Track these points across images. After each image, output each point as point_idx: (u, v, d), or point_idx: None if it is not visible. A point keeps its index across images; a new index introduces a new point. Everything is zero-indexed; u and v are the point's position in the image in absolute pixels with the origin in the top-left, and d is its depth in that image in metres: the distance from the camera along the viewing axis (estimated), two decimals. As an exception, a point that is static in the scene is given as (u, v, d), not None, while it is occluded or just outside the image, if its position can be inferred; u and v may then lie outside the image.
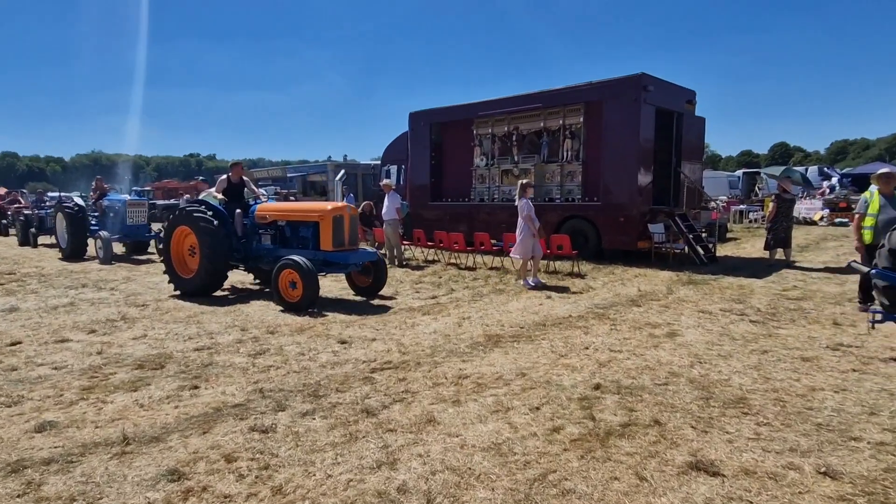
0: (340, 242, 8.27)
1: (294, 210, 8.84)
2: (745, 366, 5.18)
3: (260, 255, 8.85)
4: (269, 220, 8.76)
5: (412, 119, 16.70)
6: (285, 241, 8.70)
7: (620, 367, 5.15)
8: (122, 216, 14.06)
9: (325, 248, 8.23)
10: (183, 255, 8.98)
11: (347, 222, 8.38)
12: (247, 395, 4.53)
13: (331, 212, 8.24)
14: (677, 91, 13.06)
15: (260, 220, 8.81)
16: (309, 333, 6.50)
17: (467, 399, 4.42)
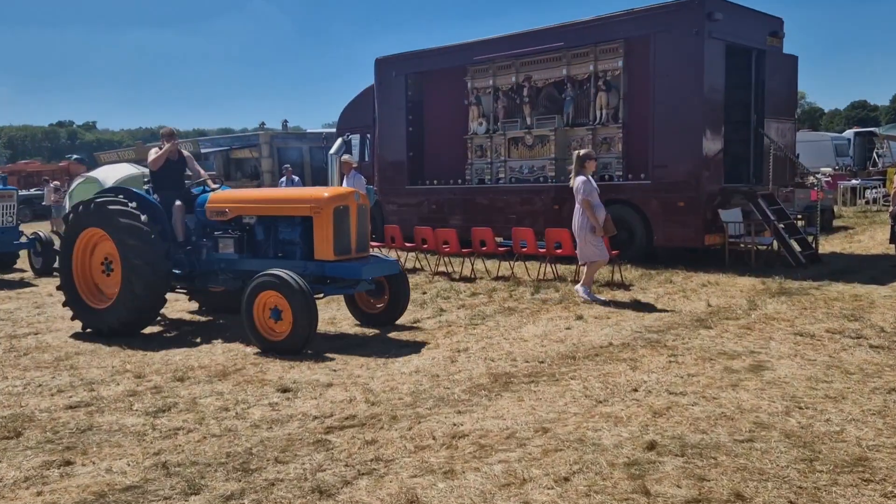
0: (345, 248, 7.84)
1: (273, 199, 8.42)
2: (865, 411, 5.17)
3: (214, 270, 8.54)
4: (231, 215, 8.38)
5: (380, 68, 16.71)
6: (256, 247, 8.36)
7: (684, 417, 5.13)
8: None
9: (321, 256, 7.78)
10: (92, 274, 8.59)
11: (354, 217, 7.94)
12: (143, 473, 4.46)
13: (331, 200, 7.76)
14: (757, 19, 13.17)
15: (215, 217, 8.46)
16: (235, 379, 6.45)
17: (465, 468, 4.38)
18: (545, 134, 14.17)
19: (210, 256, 8.51)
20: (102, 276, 8.52)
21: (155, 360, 7.21)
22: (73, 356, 7.42)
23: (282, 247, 8.17)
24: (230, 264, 8.37)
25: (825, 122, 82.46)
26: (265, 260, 8.13)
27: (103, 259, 8.47)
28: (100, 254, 8.50)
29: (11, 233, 14.04)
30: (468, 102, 15.38)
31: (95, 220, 8.32)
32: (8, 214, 13.92)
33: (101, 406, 5.78)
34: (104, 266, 8.49)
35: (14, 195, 14.22)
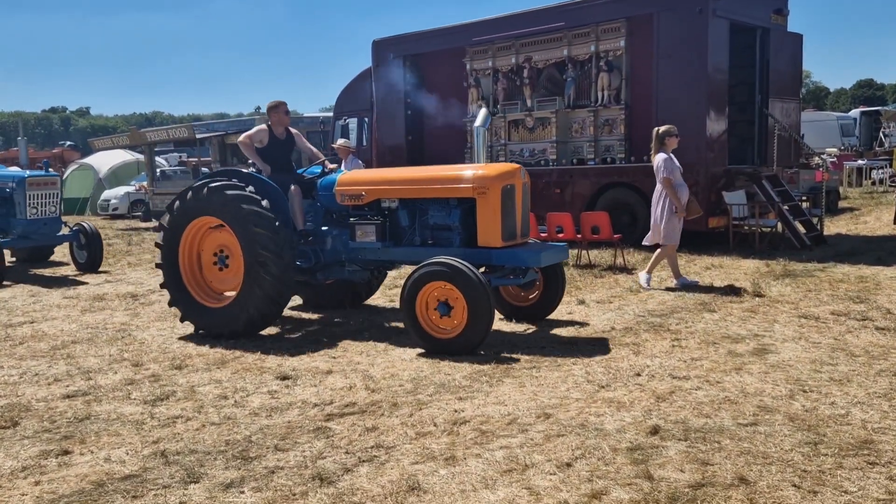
0: (512, 232, 7.15)
1: (423, 180, 7.54)
2: (870, 394, 5.19)
3: (341, 261, 7.87)
4: (368, 199, 7.57)
5: (377, 50, 16.62)
6: (399, 234, 7.60)
7: (688, 402, 5.14)
8: (17, 204, 12.49)
9: (487, 242, 7.02)
10: (201, 269, 7.83)
11: (520, 196, 7.27)
12: (142, 462, 4.47)
13: (498, 179, 7.04)
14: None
15: (347, 201, 7.68)
16: (233, 366, 6.47)
17: (466, 454, 4.39)
18: (546, 116, 14.12)
19: (337, 245, 7.82)
20: (214, 271, 7.75)
21: (152, 348, 7.23)
22: (70, 345, 7.43)
23: (432, 233, 7.46)
24: (369, 254, 7.64)
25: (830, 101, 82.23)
26: (412, 248, 7.46)
27: (216, 251, 7.70)
28: (210, 246, 7.74)
29: (54, 224, 12.84)
30: (468, 84, 15.31)
31: (209, 207, 7.47)
32: (51, 204, 12.69)
33: (98, 395, 5.80)
34: (217, 259, 7.70)
35: (58, 182, 13.05)
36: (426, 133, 16.55)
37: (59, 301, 9.95)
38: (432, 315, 6.62)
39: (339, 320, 8.27)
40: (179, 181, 24.27)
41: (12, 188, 12.42)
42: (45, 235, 12.73)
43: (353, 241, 7.61)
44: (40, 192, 12.49)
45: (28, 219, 12.32)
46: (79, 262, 12.85)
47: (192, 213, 7.60)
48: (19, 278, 12.16)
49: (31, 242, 12.96)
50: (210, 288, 7.78)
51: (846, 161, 23.93)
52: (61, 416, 5.33)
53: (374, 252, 7.62)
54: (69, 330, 8.16)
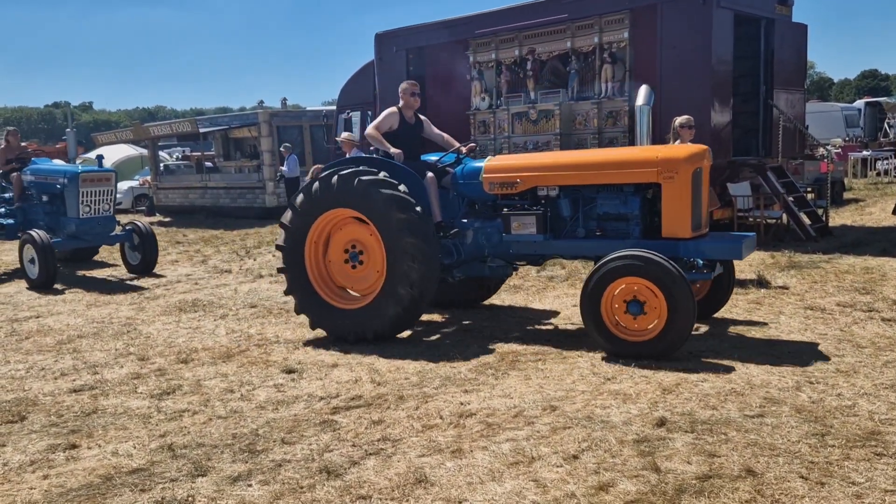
0: (699, 222, 6.49)
1: (594, 164, 6.75)
2: (877, 385, 5.19)
3: (482, 255, 7.24)
4: (523, 187, 6.86)
5: (380, 43, 16.58)
6: (560, 225, 6.90)
7: (694, 393, 5.14)
8: (68, 202, 11.49)
9: (673, 233, 6.31)
10: (329, 266, 7.21)
11: (706, 181, 6.66)
12: (150, 456, 4.49)
13: (689, 161, 6.31)
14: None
15: (496, 190, 6.99)
16: (239, 360, 6.48)
17: (473, 447, 4.40)
18: (549, 108, 14.06)
19: (480, 239, 7.17)
20: (345, 270, 7.10)
21: (158, 342, 7.25)
22: (76, 339, 7.45)
23: (599, 223, 6.75)
24: (525, 248, 6.92)
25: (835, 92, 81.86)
26: (578, 241, 6.79)
27: (348, 247, 7.08)
28: (340, 242, 7.12)
29: (108, 223, 11.75)
30: (470, 77, 15.27)
31: (344, 198, 6.84)
32: (105, 201, 11.63)
33: (105, 389, 5.82)
34: (348, 256, 7.08)
35: (112, 178, 11.93)
36: (430, 126, 16.51)
37: (65, 296, 9.97)
38: (622, 314, 5.97)
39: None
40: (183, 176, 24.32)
41: (63, 184, 11.48)
42: (97, 236, 11.74)
43: (508, 233, 6.89)
44: (94, 188, 11.46)
45: (80, 217, 11.34)
46: (131, 264, 11.91)
47: (321, 207, 6.96)
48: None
49: (82, 243, 11.95)
50: (338, 287, 7.18)
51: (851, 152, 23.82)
52: (68, 411, 5.35)
53: (532, 246, 6.87)
54: (75, 324, 8.18)
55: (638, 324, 5.94)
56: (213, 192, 22.05)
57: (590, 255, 6.84)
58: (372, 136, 7.29)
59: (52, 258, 10.56)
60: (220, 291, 9.94)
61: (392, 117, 7.38)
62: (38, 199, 12.04)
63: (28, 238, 10.72)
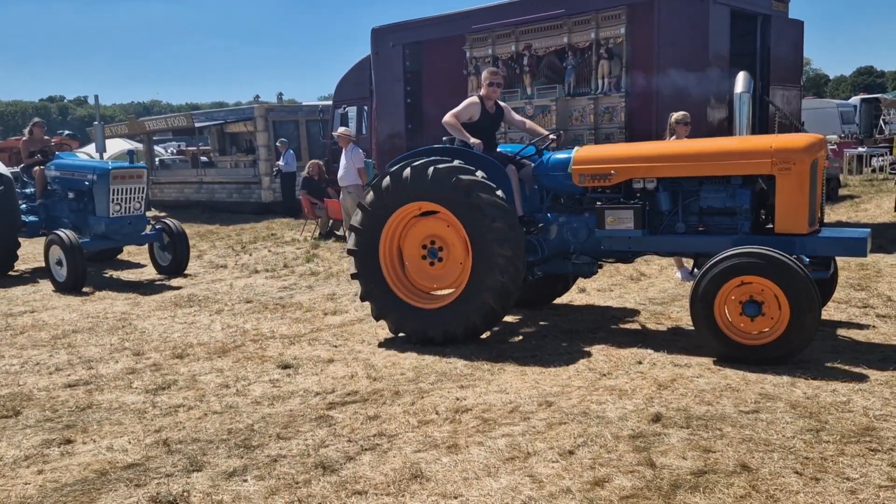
0: (814, 217, 6.15)
1: (699, 155, 6.32)
2: (872, 381, 5.19)
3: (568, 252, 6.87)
4: (617, 179, 6.49)
5: (377, 38, 16.54)
6: (656, 220, 6.50)
7: (689, 389, 5.15)
8: (97, 199, 10.78)
9: (788, 228, 5.95)
10: (407, 265, 6.84)
11: (821, 173, 6.30)
12: (145, 451, 4.49)
13: (807, 152, 5.92)
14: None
15: (587, 182, 6.61)
16: (235, 356, 6.47)
17: (469, 442, 4.40)
18: (546, 104, 14.05)
19: (565, 234, 6.82)
20: (422, 267, 6.74)
21: (153, 337, 7.23)
22: (71, 334, 7.44)
23: (701, 218, 6.37)
24: (620, 244, 6.53)
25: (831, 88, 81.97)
26: (679, 237, 6.41)
27: (424, 244, 6.72)
28: (415, 238, 6.74)
29: (139, 222, 11.05)
30: (467, 72, 15.25)
31: (419, 191, 6.47)
32: (136, 199, 10.90)
33: (100, 384, 5.81)
34: (426, 253, 6.71)
35: (144, 175, 11.25)
36: (426, 121, 16.49)
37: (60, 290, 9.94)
38: (735, 317, 5.63)
39: (338, 310, 8.27)
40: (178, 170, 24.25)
41: (92, 181, 10.76)
42: (127, 235, 11.02)
43: (601, 228, 6.48)
44: (125, 185, 10.74)
45: (110, 216, 10.64)
46: (160, 265, 11.25)
47: (394, 203, 6.58)
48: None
49: (112, 243, 11.37)
50: (416, 287, 6.81)
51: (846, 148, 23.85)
52: (63, 406, 5.33)
53: (628, 241, 6.47)
54: (70, 319, 8.16)
55: (755, 326, 5.57)
56: (208, 187, 22.01)
57: (690, 252, 6.62)
58: (451, 124, 6.98)
59: (81, 260, 9.91)
60: (215, 287, 9.92)
61: (473, 107, 7.09)
62: (64, 195, 11.40)
63: (55, 238, 10.07)
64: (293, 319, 7.76)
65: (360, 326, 7.36)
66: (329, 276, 10.24)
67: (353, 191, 12.34)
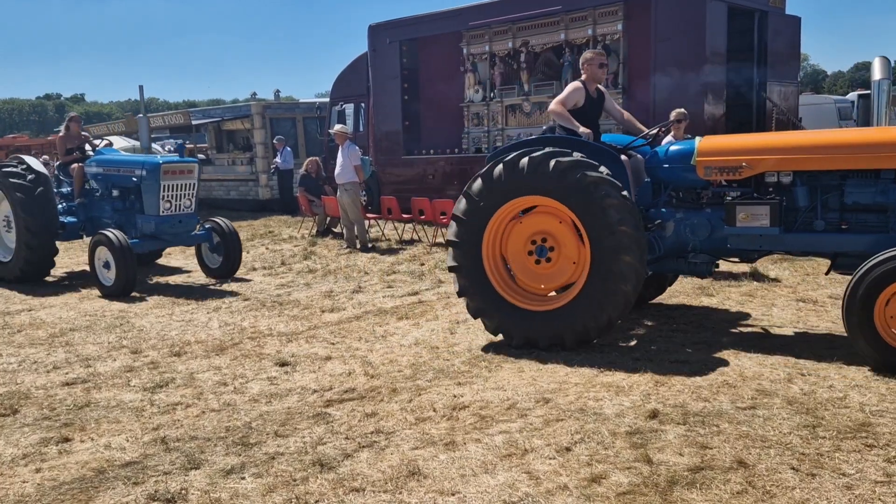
0: None
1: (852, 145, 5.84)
2: (868, 377, 5.21)
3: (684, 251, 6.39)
4: (749, 171, 5.99)
5: (374, 35, 16.54)
6: (791, 216, 6.03)
7: (686, 385, 5.16)
8: (146, 197, 9.91)
9: None
10: (511, 262, 6.36)
11: None
12: (143, 448, 4.49)
13: None
14: (759, -20, 13.03)
15: (713, 175, 6.13)
16: (232, 353, 6.47)
17: (466, 439, 4.41)
18: (543, 100, 14.03)
19: (683, 231, 6.33)
20: (528, 265, 6.25)
21: (151, 335, 7.23)
22: (68, 332, 7.43)
23: (845, 214, 5.89)
24: (751, 242, 6.07)
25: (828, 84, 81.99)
26: (820, 235, 5.91)
27: (534, 239, 6.22)
28: (521, 234, 6.26)
29: (189, 221, 10.13)
30: (464, 69, 15.25)
31: (535, 184, 5.97)
32: (187, 196, 10.02)
33: (97, 382, 5.81)
34: (534, 249, 6.23)
35: (195, 170, 10.26)
36: (423, 118, 16.50)
37: (57, 288, 9.93)
38: None
39: (335, 307, 8.27)
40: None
41: (140, 177, 9.90)
42: (177, 236, 10.12)
43: (731, 225, 6.02)
44: (176, 181, 9.89)
45: (160, 215, 9.81)
46: (209, 267, 10.39)
47: (505, 195, 6.11)
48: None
49: (161, 244, 10.41)
50: (521, 287, 6.33)
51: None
52: (61, 404, 5.33)
53: (760, 240, 6.02)
54: (67, 317, 8.16)
55: None
56: (205, 185, 21.95)
57: (828, 252, 6.08)
58: (558, 112, 6.49)
59: (132, 262, 9.17)
60: (212, 284, 9.92)
61: (578, 93, 6.60)
62: (106, 193, 10.53)
63: (103, 239, 9.26)
64: (291, 317, 7.76)
65: (357, 324, 7.37)
66: (326, 274, 10.24)
67: (350, 188, 12.33)
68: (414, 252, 11.85)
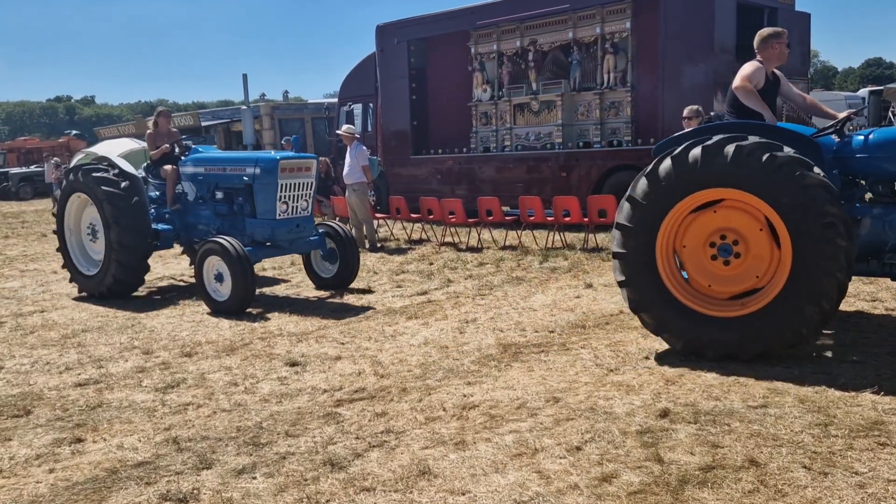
0: None
1: None
2: (881, 375, 5.17)
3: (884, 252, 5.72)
4: None
5: (382, 35, 16.56)
6: None
7: (697, 384, 5.14)
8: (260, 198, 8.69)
9: None
10: (685, 261, 5.76)
11: None
12: (155, 449, 4.51)
13: None
14: (768, -24, 12.96)
15: None
16: (243, 353, 6.49)
17: (476, 439, 4.41)
18: (551, 99, 14.06)
19: (882, 229, 5.68)
20: (706, 265, 5.63)
21: (162, 336, 7.26)
22: (80, 333, 7.47)
23: None
24: None
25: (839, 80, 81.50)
26: None
27: (713, 239, 5.60)
28: (700, 231, 5.64)
29: (307, 225, 8.94)
30: (472, 68, 15.26)
31: (720, 175, 5.36)
32: (304, 197, 8.87)
33: (110, 383, 5.84)
34: (715, 251, 5.60)
35: (314, 167, 9.06)
36: (431, 118, 16.51)
37: (69, 290, 9.98)
38: None
39: (344, 305, 8.28)
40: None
41: (253, 176, 8.69)
42: (294, 242, 8.82)
43: None
44: (294, 180, 8.71)
45: (277, 219, 8.59)
46: (320, 277, 9.32)
47: (681, 190, 5.53)
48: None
49: (276, 252, 9.04)
50: (703, 292, 5.70)
51: (854, 141, 23.73)
52: (73, 405, 5.36)
53: None
54: (79, 318, 8.20)
55: None
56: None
57: None
58: (748, 90, 5.86)
59: (251, 274, 8.07)
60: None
61: (759, 73, 6.01)
62: (207, 196, 9.32)
63: (215, 248, 8.11)
64: (300, 317, 7.78)
65: (366, 324, 7.38)
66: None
67: (359, 188, 12.35)
68: (423, 252, 11.86)
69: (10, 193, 34.63)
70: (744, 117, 5.86)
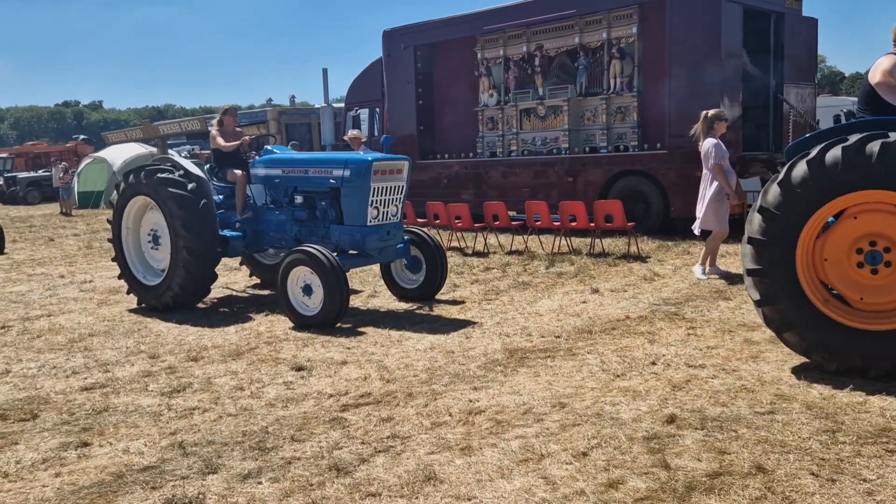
0: None
1: None
2: (890, 382, 5.13)
3: None
4: None
5: (388, 40, 16.60)
6: None
7: (704, 390, 5.13)
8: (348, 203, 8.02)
9: None
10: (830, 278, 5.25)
11: None
12: (161, 453, 4.51)
13: None
14: (775, -19, 12.95)
15: None
16: (249, 358, 6.50)
17: (482, 444, 4.40)
18: (558, 104, 14.06)
19: None
20: (855, 276, 5.17)
21: (168, 340, 7.28)
22: (87, 338, 7.49)
23: None
24: None
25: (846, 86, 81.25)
26: None
27: (859, 246, 5.16)
28: (843, 239, 5.19)
29: (398, 231, 8.28)
30: (479, 73, 15.28)
31: (865, 176, 4.93)
32: (395, 202, 8.19)
33: (116, 387, 5.85)
34: (862, 259, 5.15)
35: (405, 169, 8.28)
36: (437, 122, 16.54)
37: (76, 294, 10.02)
38: None
39: (351, 310, 8.28)
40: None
41: (342, 178, 7.99)
42: (383, 251, 8.15)
43: None
44: (386, 183, 8.02)
45: (367, 225, 7.92)
46: (403, 287, 8.70)
47: (820, 196, 5.08)
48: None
49: (367, 261, 8.26)
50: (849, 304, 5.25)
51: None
52: (80, 409, 5.37)
53: None
54: (86, 323, 8.23)
55: None
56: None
57: None
58: (890, 85, 5.39)
59: (345, 285, 7.38)
60: (229, 289, 9.97)
61: None
62: (284, 201, 8.68)
63: (302, 258, 7.41)
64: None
65: (372, 328, 7.37)
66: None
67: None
68: (429, 256, 11.88)
69: (18, 198, 34.82)
70: (881, 114, 5.36)
